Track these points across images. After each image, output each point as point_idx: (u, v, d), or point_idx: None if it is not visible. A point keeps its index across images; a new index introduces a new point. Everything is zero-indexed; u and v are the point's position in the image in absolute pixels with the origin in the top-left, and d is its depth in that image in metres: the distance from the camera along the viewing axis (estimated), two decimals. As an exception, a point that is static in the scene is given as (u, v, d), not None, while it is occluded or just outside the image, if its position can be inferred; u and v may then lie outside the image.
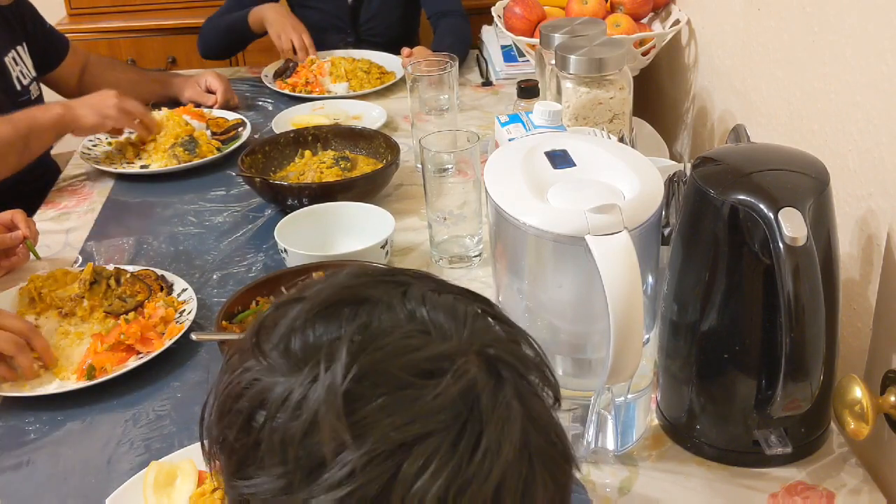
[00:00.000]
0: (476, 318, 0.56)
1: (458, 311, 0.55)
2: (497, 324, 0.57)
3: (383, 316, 0.54)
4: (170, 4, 3.17)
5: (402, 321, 0.54)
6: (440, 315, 0.54)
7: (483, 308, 0.58)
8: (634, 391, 0.97)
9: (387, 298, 0.55)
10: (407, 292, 0.56)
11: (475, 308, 0.57)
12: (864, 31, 1.03)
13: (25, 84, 1.88)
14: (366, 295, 0.55)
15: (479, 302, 0.58)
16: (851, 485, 0.96)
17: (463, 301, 0.57)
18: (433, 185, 1.36)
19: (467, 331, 0.54)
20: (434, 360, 0.51)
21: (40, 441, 1.09)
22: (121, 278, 1.34)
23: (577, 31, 1.52)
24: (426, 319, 0.54)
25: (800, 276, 0.83)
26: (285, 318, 0.55)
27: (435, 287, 0.57)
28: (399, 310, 0.54)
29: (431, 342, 0.52)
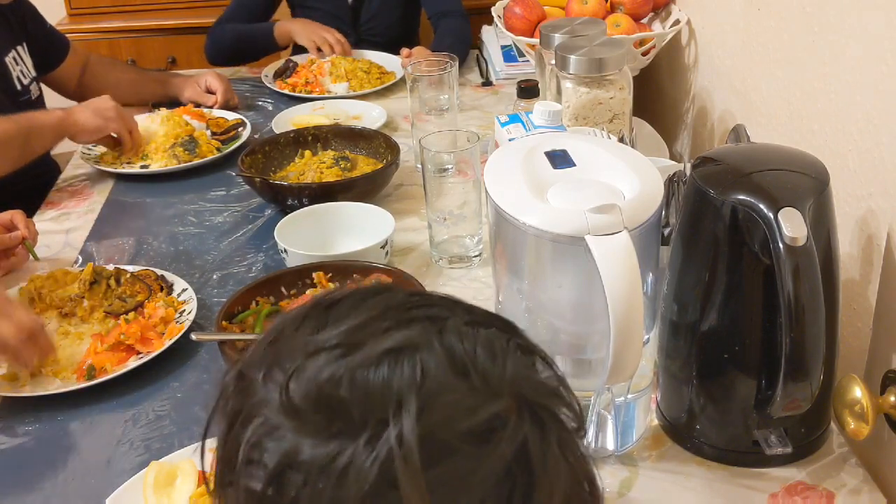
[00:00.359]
0: (511, 354, 0.54)
1: (495, 350, 0.53)
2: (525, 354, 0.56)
3: (429, 365, 0.50)
4: (170, 4, 3.17)
5: (446, 369, 0.51)
6: (479, 355, 0.52)
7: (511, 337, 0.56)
8: (634, 391, 0.97)
9: (426, 341, 0.52)
10: (443, 330, 0.53)
11: (506, 341, 0.55)
12: (864, 31, 1.03)
13: (26, 84, 1.88)
14: (405, 341, 0.51)
15: (507, 331, 0.56)
16: (851, 485, 0.96)
17: (496, 335, 0.55)
18: (433, 185, 1.36)
19: (508, 373, 0.52)
20: (488, 421, 0.50)
21: (40, 441, 1.09)
22: (121, 278, 1.34)
23: (577, 31, 1.52)
24: (466, 362, 0.51)
25: (800, 276, 0.83)
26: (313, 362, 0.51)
27: (468, 319, 0.55)
28: (440, 353, 0.51)
29: (481, 401, 0.50)
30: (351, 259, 1.32)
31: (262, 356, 0.54)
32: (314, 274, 1.29)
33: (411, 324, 0.53)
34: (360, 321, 0.53)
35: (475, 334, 0.53)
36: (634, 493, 0.97)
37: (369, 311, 0.54)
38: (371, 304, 0.55)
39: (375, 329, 0.52)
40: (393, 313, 0.54)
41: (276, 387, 0.51)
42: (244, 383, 0.54)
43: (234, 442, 0.52)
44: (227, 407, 0.54)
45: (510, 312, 0.98)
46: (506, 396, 0.51)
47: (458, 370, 0.51)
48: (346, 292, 0.57)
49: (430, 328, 0.53)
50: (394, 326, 0.52)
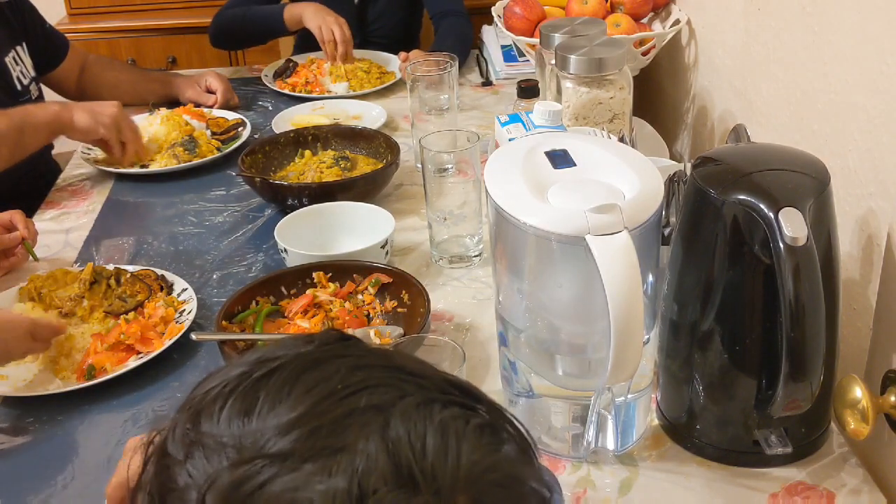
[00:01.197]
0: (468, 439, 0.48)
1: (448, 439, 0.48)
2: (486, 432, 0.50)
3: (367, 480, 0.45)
4: (170, 4, 3.17)
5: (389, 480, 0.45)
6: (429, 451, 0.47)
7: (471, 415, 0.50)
8: (634, 391, 0.97)
9: (364, 444, 0.46)
10: (388, 422, 0.47)
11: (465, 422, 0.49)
12: (864, 31, 1.03)
13: (25, 84, 1.88)
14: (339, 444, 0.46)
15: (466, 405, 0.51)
16: (851, 485, 0.96)
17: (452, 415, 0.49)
18: (433, 185, 1.36)
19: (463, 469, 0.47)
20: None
21: (40, 441, 1.09)
22: (121, 278, 1.34)
23: (577, 31, 1.52)
24: (412, 466, 0.46)
25: (800, 276, 0.83)
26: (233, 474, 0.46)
27: (421, 398, 0.49)
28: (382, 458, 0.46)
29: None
30: (351, 259, 1.32)
31: (184, 433, 0.50)
32: (314, 274, 1.30)
33: (350, 419, 0.47)
34: (291, 419, 0.47)
35: (427, 420, 0.48)
36: (634, 493, 0.97)
37: (302, 399, 0.48)
38: (305, 387, 0.49)
39: (308, 430, 0.47)
40: (329, 404, 0.48)
41: (196, 487, 0.47)
42: (166, 461, 0.50)
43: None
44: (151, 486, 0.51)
45: (510, 312, 0.98)
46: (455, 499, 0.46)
47: (404, 478, 0.46)
48: (281, 360, 0.51)
49: (374, 423, 0.47)
50: (329, 425, 0.47)
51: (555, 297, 0.94)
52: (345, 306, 1.25)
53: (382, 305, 1.27)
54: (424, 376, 0.52)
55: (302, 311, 1.24)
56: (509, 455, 0.51)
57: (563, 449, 1.01)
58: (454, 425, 0.49)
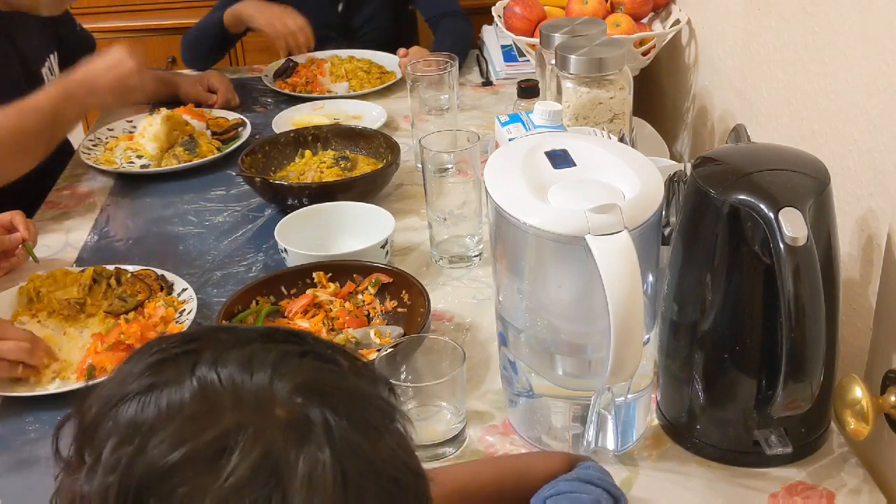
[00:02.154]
0: (278, 361, 0.53)
1: (253, 363, 0.53)
2: (306, 356, 0.55)
3: (167, 402, 0.51)
4: (170, 4, 3.17)
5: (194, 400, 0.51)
6: (234, 374, 0.52)
7: (291, 344, 0.55)
8: (634, 391, 0.97)
9: (176, 377, 0.52)
10: (198, 362, 0.53)
11: (279, 349, 0.54)
12: (864, 31, 1.03)
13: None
14: (153, 381, 0.52)
15: (281, 341, 0.56)
16: (851, 485, 0.96)
17: (263, 346, 0.54)
18: (433, 185, 1.36)
19: (266, 382, 0.52)
20: (219, 438, 0.49)
21: (40, 441, 1.09)
22: (121, 278, 1.34)
23: (577, 31, 1.52)
24: (219, 388, 0.51)
25: (800, 276, 0.83)
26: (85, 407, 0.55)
27: (233, 342, 0.55)
28: (188, 386, 0.51)
29: (214, 421, 0.50)
30: (351, 259, 1.32)
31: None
32: (314, 274, 1.30)
33: (165, 364, 0.54)
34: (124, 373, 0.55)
35: (232, 355, 0.53)
36: (634, 493, 0.97)
37: (136, 361, 0.55)
38: (139, 354, 0.56)
39: (132, 378, 0.53)
40: (152, 357, 0.55)
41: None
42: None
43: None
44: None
45: (510, 312, 0.98)
46: (264, 407, 0.50)
47: (209, 398, 0.51)
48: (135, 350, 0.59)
49: (185, 364, 0.53)
50: (146, 370, 0.54)
51: (555, 297, 0.94)
52: (345, 306, 1.25)
53: (382, 305, 1.27)
54: (246, 329, 0.58)
55: (302, 311, 1.24)
56: (333, 372, 0.55)
57: (563, 449, 1.01)
58: (262, 355, 0.53)
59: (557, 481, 0.84)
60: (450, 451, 1.02)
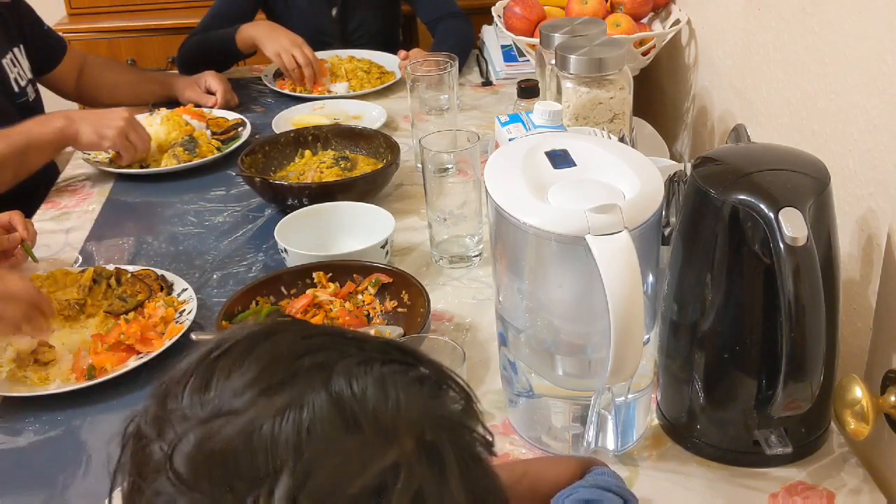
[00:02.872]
0: (407, 388, 0.52)
1: (388, 387, 0.51)
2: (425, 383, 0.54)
3: (314, 424, 0.49)
4: (170, 4, 3.17)
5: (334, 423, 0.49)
6: (370, 398, 0.51)
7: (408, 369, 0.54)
8: (635, 391, 0.97)
9: (311, 394, 0.50)
10: (331, 377, 0.51)
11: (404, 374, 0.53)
12: (864, 31, 1.03)
13: (23, 86, 1.88)
14: (287, 398, 0.50)
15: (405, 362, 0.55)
16: (851, 485, 0.96)
17: (391, 370, 0.53)
18: (433, 185, 1.36)
19: (403, 412, 0.51)
20: (380, 476, 0.48)
21: (40, 441, 1.09)
22: (121, 278, 1.34)
23: (577, 31, 1.52)
24: (356, 411, 0.50)
25: (800, 276, 0.83)
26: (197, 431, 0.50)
27: (360, 358, 0.53)
28: (326, 406, 0.50)
29: (372, 455, 0.49)
30: (351, 259, 1.32)
31: (154, 415, 0.53)
32: (314, 274, 1.30)
33: (296, 377, 0.51)
34: (243, 381, 0.51)
35: (367, 374, 0.52)
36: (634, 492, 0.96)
37: (253, 365, 0.52)
38: (256, 356, 0.53)
39: (258, 389, 0.51)
40: (278, 366, 0.52)
41: (165, 456, 0.50)
42: (141, 442, 0.53)
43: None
44: (128, 465, 0.55)
45: (510, 312, 0.98)
46: (401, 440, 0.50)
47: (348, 421, 0.50)
48: (234, 340, 0.55)
49: (318, 378, 0.51)
50: (277, 383, 0.51)
51: (555, 297, 0.94)
52: (345, 306, 1.25)
53: (382, 305, 1.27)
54: (365, 340, 0.56)
55: (302, 311, 1.24)
56: (450, 404, 0.55)
57: (564, 449, 1.01)
58: (393, 377, 0.52)
59: (576, 487, 0.84)
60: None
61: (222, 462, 0.49)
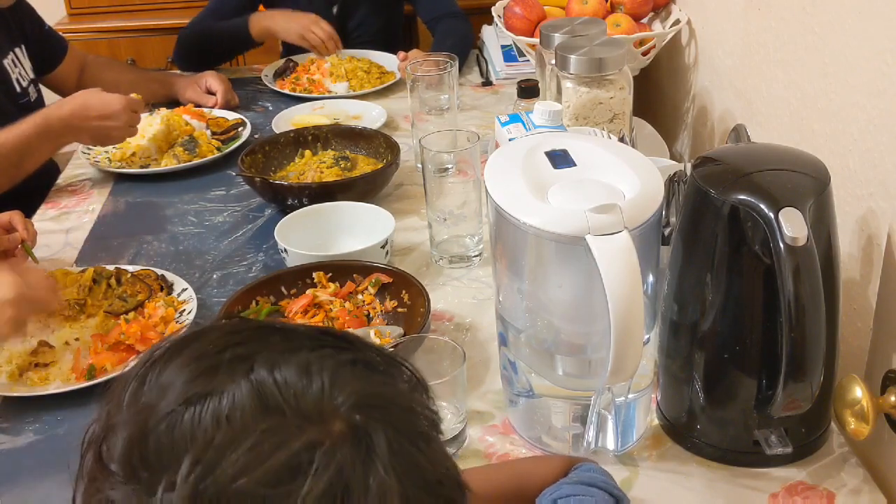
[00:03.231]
0: (335, 371, 0.52)
1: (312, 371, 0.51)
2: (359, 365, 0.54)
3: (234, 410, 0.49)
4: (170, 4, 3.17)
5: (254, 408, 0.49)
6: (291, 382, 0.51)
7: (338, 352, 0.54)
8: (635, 391, 0.97)
9: (230, 383, 0.51)
10: (253, 366, 0.51)
11: (330, 358, 0.53)
12: (864, 31, 1.03)
13: (24, 86, 1.88)
14: (208, 388, 0.51)
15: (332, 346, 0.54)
16: (851, 485, 0.96)
17: (316, 353, 0.53)
18: (433, 185, 1.36)
19: (328, 392, 0.51)
20: (292, 457, 0.48)
21: (40, 441, 1.09)
22: (121, 278, 1.34)
23: (577, 31, 1.52)
24: (276, 394, 0.50)
25: (800, 276, 0.83)
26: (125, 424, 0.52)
27: (284, 346, 0.53)
28: (246, 392, 0.50)
29: (287, 436, 0.48)
30: (351, 259, 1.32)
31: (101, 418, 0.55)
32: (314, 274, 1.30)
33: (219, 368, 0.52)
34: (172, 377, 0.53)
35: (290, 361, 0.52)
36: (634, 493, 0.97)
37: (182, 364, 0.53)
38: (186, 354, 0.54)
39: (182, 382, 0.52)
40: (203, 361, 0.53)
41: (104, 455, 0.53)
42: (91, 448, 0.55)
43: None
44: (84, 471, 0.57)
45: (510, 312, 0.98)
46: (326, 421, 0.49)
47: (268, 408, 0.50)
48: (171, 342, 0.56)
49: (240, 368, 0.51)
50: (201, 376, 0.52)
51: (555, 297, 0.94)
52: (345, 306, 1.25)
53: (382, 305, 1.27)
54: (293, 330, 0.57)
55: (302, 311, 1.24)
56: (389, 384, 0.55)
57: (564, 449, 1.01)
58: (320, 362, 0.52)
59: (560, 484, 0.84)
60: (450, 450, 1.02)
61: (148, 452, 0.50)
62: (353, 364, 0.54)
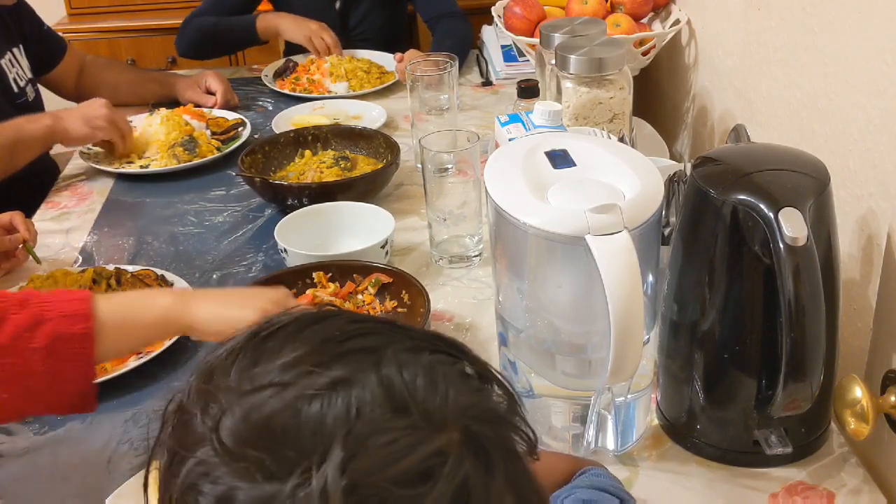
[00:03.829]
0: (455, 380, 0.52)
1: (437, 378, 0.51)
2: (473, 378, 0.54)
3: (364, 403, 0.49)
4: (170, 4, 3.18)
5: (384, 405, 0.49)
6: (419, 386, 0.50)
7: (456, 361, 0.54)
8: (635, 391, 0.97)
9: (362, 375, 0.50)
10: (381, 361, 0.51)
11: (451, 366, 0.53)
12: (864, 32, 1.03)
13: (22, 86, 1.88)
14: (339, 377, 0.50)
15: (453, 354, 0.55)
16: (851, 485, 0.96)
17: (440, 360, 0.53)
18: (433, 185, 1.36)
19: (451, 403, 0.50)
20: (426, 460, 0.48)
21: (40, 441, 1.09)
22: (121, 278, 1.34)
23: (577, 31, 1.52)
24: (405, 395, 0.50)
25: (800, 276, 0.83)
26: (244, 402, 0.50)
27: (409, 345, 0.53)
28: (376, 388, 0.49)
29: (419, 439, 0.48)
30: (351, 259, 1.32)
31: (198, 391, 0.53)
32: (314, 274, 1.30)
33: (346, 357, 0.51)
34: (293, 357, 0.52)
35: (416, 362, 0.52)
36: (634, 492, 0.96)
37: (304, 344, 0.52)
38: (306, 337, 0.53)
39: (309, 366, 0.51)
40: (329, 346, 0.52)
41: (209, 427, 0.50)
42: (184, 417, 0.53)
43: (171, 480, 0.52)
44: (168, 440, 0.54)
45: (510, 312, 0.98)
46: (448, 430, 0.49)
47: (397, 405, 0.49)
48: (284, 321, 0.55)
49: (367, 360, 0.51)
50: (328, 361, 0.51)
51: (555, 297, 0.94)
52: (345, 306, 1.25)
53: (382, 305, 1.27)
54: (413, 329, 0.56)
55: (302, 311, 1.24)
56: (493, 399, 0.55)
57: (564, 449, 1.01)
58: (441, 368, 0.52)
59: (572, 487, 0.84)
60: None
61: (269, 433, 0.48)
62: (466, 376, 0.54)
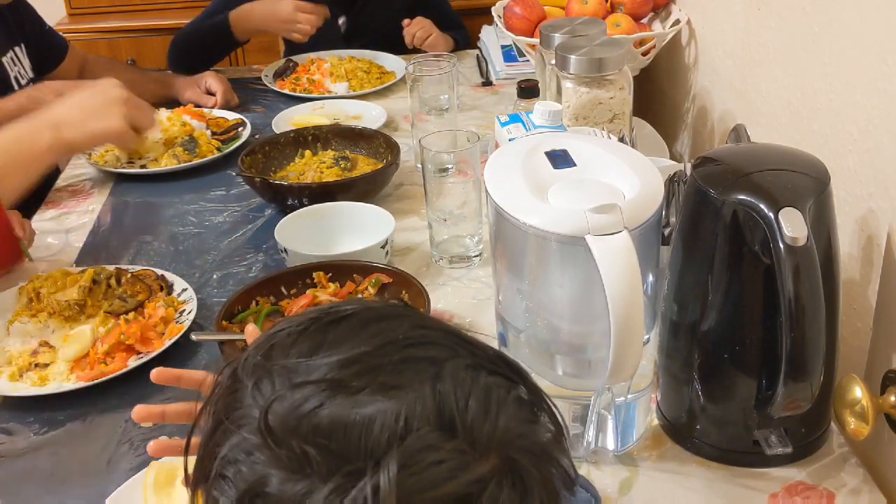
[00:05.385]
0: (507, 407, 0.52)
1: (490, 403, 0.51)
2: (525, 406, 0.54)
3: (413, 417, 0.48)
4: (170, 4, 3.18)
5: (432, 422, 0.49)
6: (471, 408, 0.50)
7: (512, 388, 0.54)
8: (634, 391, 0.97)
9: (417, 387, 0.50)
10: (439, 374, 0.51)
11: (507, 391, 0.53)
12: (864, 31, 1.03)
13: (23, 85, 1.88)
14: (395, 384, 0.50)
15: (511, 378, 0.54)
16: (851, 485, 0.96)
17: (497, 383, 0.53)
18: (433, 185, 1.36)
19: (499, 431, 0.50)
20: (467, 486, 0.48)
21: (40, 441, 1.09)
22: (121, 278, 1.34)
23: (577, 31, 1.52)
24: (455, 416, 0.50)
25: (800, 276, 0.83)
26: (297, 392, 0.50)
27: (471, 361, 0.53)
28: (429, 403, 0.49)
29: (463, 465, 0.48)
30: (351, 259, 1.32)
31: (255, 363, 0.53)
32: (314, 274, 1.29)
33: (405, 364, 0.51)
34: (353, 355, 0.51)
35: (473, 382, 0.51)
36: (634, 492, 0.97)
37: (366, 342, 0.52)
38: (370, 333, 0.53)
39: (366, 367, 0.50)
40: (389, 349, 0.52)
41: (260, 406, 0.50)
42: (235, 385, 0.53)
43: (213, 449, 0.52)
44: (216, 406, 0.54)
45: (510, 312, 0.98)
46: (490, 458, 0.49)
47: (445, 424, 0.49)
48: (351, 310, 0.55)
49: (426, 372, 0.51)
50: (387, 366, 0.51)
51: (555, 297, 0.94)
52: (345, 306, 1.25)
53: (382, 305, 1.27)
54: (477, 345, 0.56)
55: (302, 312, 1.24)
56: (542, 431, 0.54)
57: (563, 449, 1.01)
58: (496, 392, 0.52)
59: None
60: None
61: (316, 429, 0.48)
62: (520, 403, 0.54)
